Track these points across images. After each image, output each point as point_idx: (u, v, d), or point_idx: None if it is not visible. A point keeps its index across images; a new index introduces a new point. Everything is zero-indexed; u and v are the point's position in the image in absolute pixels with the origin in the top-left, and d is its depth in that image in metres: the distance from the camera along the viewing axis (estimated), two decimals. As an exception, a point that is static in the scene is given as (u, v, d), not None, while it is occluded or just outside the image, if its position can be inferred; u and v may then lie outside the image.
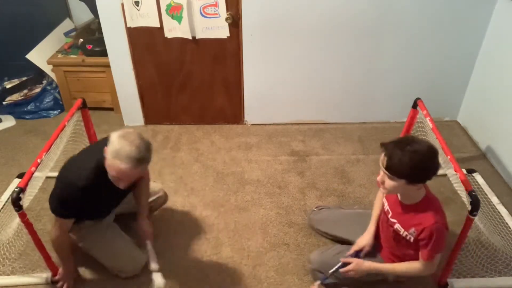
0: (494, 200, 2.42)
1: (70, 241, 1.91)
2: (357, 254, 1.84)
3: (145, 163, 1.61)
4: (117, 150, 1.54)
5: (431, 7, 2.70)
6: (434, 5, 2.69)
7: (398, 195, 1.70)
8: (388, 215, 1.76)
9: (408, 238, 1.66)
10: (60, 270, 1.95)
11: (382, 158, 1.54)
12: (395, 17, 2.74)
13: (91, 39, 3.22)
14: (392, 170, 1.50)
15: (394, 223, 1.72)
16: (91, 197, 1.71)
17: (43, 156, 1.86)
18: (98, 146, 1.77)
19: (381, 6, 2.69)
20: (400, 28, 2.79)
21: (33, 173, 1.75)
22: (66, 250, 1.89)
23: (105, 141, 1.66)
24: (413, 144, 1.49)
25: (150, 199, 2.14)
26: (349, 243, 1.94)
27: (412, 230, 1.63)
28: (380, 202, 1.91)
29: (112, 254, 1.97)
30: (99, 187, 1.69)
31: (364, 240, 1.86)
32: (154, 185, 2.24)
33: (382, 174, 1.56)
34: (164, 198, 2.29)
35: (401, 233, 1.69)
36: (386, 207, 1.78)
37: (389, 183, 1.54)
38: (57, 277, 1.95)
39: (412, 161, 1.46)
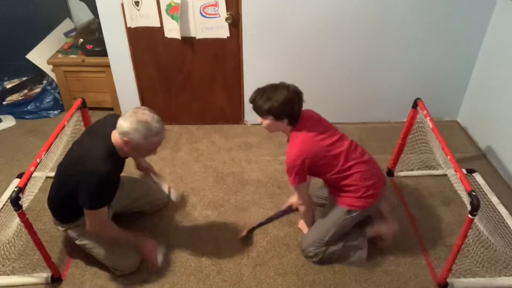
0: (494, 200, 2.42)
1: (111, 223, 1.96)
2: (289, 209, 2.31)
3: None
4: (147, 132, 1.69)
5: (431, 7, 2.70)
6: (434, 5, 2.69)
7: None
8: None
9: None
10: (143, 248, 2.00)
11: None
12: (395, 17, 2.74)
13: (91, 39, 3.22)
14: (257, 110, 1.88)
15: None
16: (113, 180, 1.82)
17: (43, 156, 1.86)
18: (98, 131, 1.86)
19: (381, 6, 2.69)
20: (400, 28, 2.79)
21: (32, 173, 1.75)
22: (118, 231, 1.94)
23: (103, 124, 1.84)
24: (273, 89, 1.85)
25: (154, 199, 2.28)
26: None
27: None
28: None
29: (107, 251, 1.97)
30: (115, 169, 1.80)
31: (289, 200, 2.31)
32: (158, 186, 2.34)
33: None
34: (168, 200, 2.38)
35: None
36: None
37: (262, 122, 1.91)
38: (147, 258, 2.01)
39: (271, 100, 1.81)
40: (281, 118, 1.85)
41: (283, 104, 1.81)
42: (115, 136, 1.75)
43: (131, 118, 1.69)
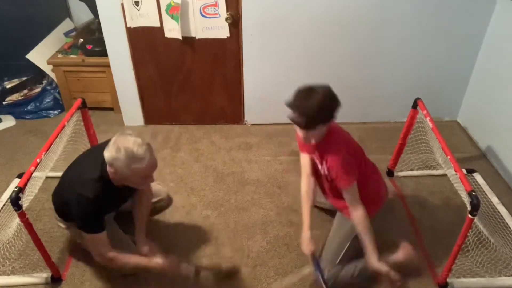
0: (494, 200, 2.42)
1: (112, 249, 1.78)
2: (318, 262, 1.85)
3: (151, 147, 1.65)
4: (128, 159, 1.56)
5: (431, 6, 2.70)
6: (434, 5, 2.69)
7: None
8: (318, 166, 1.89)
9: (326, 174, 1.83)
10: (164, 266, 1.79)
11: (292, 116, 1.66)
12: (395, 17, 2.74)
13: (91, 39, 3.22)
14: (312, 123, 1.64)
15: (323, 170, 1.85)
16: (100, 207, 1.71)
17: (43, 156, 1.86)
18: (97, 154, 1.73)
19: (381, 6, 2.69)
20: (400, 28, 2.79)
21: (32, 173, 1.75)
22: (126, 257, 1.80)
23: (102, 148, 1.66)
24: (311, 94, 1.65)
25: (154, 200, 2.13)
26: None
27: (324, 165, 1.82)
28: (307, 193, 1.95)
29: None
30: (107, 194, 1.70)
31: (308, 246, 1.84)
32: (159, 187, 2.22)
33: (302, 135, 1.70)
34: (167, 202, 2.25)
35: (327, 174, 1.83)
36: (316, 162, 1.90)
37: (312, 135, 1.71)
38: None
39: (317, 107, 1.62)
40: (330, 118, 1.69)
41: (334, 102, 1.67)
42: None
43: (112, 147, 1.58)
